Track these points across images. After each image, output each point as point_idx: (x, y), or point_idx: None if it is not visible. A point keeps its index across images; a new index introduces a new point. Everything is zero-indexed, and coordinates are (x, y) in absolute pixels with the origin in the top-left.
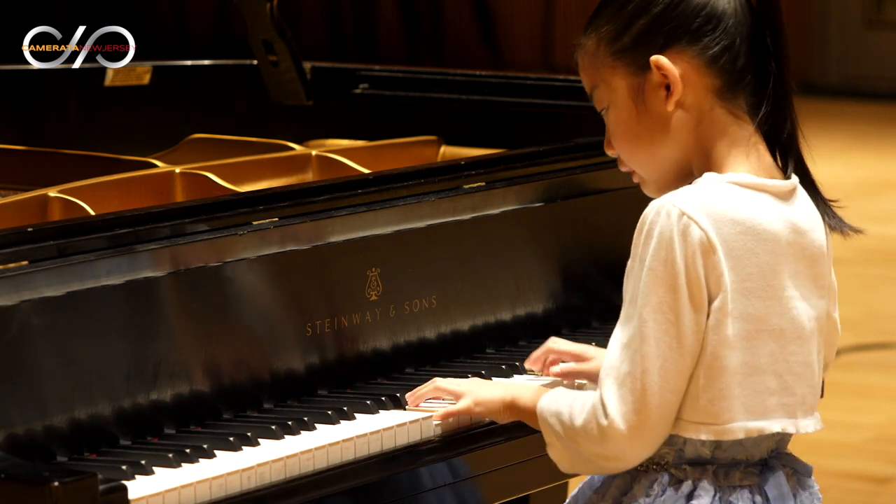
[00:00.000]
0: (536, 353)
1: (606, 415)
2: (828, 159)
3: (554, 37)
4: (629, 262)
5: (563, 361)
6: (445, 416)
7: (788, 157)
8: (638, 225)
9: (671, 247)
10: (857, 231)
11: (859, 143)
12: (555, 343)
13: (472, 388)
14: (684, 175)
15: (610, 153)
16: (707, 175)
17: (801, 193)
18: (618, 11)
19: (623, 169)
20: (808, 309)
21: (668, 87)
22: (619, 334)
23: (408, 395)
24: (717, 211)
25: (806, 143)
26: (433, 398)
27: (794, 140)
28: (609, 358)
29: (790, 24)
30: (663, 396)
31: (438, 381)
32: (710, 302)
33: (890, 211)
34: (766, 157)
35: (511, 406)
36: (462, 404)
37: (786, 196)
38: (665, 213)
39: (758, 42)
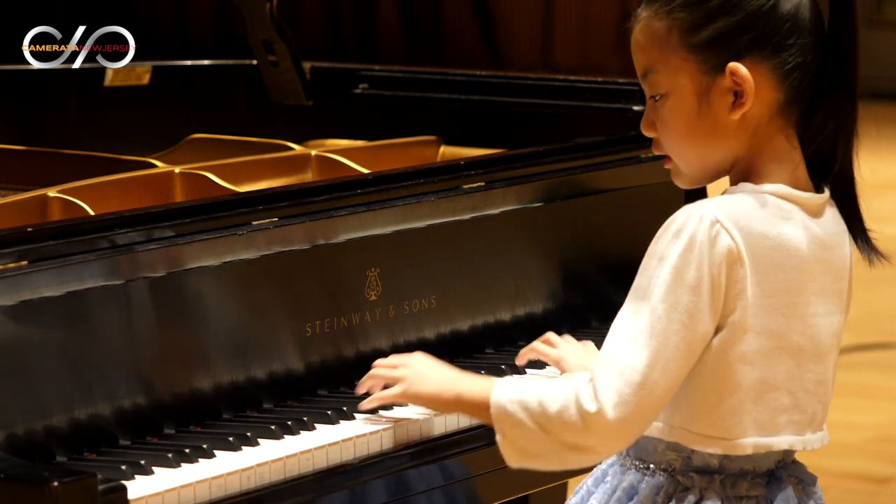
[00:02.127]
0: (524, 350)
1: (597, 400)
2: None
3: (554, 37)
4: (647, 258)
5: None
6: (379, 402)
7: (824, 173)
8: (666, 223)
9: (700, 251)
10: (884, 258)
11: (860, 144)
12: (540, 345)
13: (410, 379)
14: (720, 174)
15: (648, 134)
16: (743, 185)
17: (831, 208)
18: (699, 1)
19: (657, 152)
20: (829, 325)
21: (736, 94)
22: (625, 326)
23: (357, 385)
24: (749, 224)
25: (858, 165)
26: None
27: (834, 158)
28: (610, 348)
29: None
30: (657, 395)
31: (375, 368)
32: (727, 315)
33: (890, 211)
34: (803, 171)
35: (454, 401)
36: (394, 391)
37: (816, 210)
38: (698, 217)
39: (824, 60)
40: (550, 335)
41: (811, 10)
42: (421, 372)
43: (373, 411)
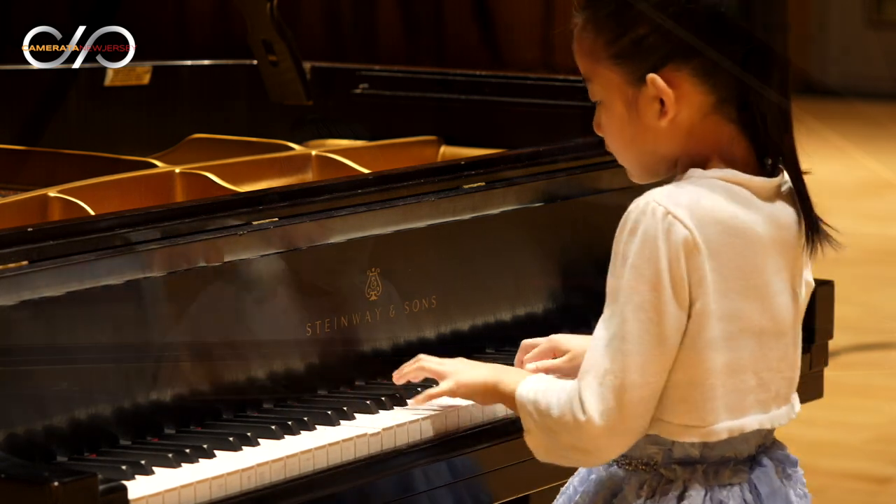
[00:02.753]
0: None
1: (584, 411)
2: (827, 159)
3: (554, 37)
4: (612, 258)
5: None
6: (428, 399)
7: (772, 160)
8: (621, 222)
9: (655, 245)
10: (839, 246)
11: (859, 143)
12: (529, 344)
13: (457, 370)
14: (668, 167)
15: (598, 133)
16: (691, 171)
17: (783, 193)
18: (620, 7)
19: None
20: (788, 302)
21: (662, 102)
22: (601, 332)
23: (394, 374)
24: (701, 210)
25: (804, 154)
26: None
27: (781, 144)
28: (591, 355)
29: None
30: (642, 394)
31: (423, 360)
32: (691, 304)
33: (890, 211)
34: (751, 159)
35: (493, 389)
36: (444, 386)
37: (767, 193)
38: (650, 211)
39: (753, 51)
40: (558, 344)
41: (737, 9)
42: (466, 363)
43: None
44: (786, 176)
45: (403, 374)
